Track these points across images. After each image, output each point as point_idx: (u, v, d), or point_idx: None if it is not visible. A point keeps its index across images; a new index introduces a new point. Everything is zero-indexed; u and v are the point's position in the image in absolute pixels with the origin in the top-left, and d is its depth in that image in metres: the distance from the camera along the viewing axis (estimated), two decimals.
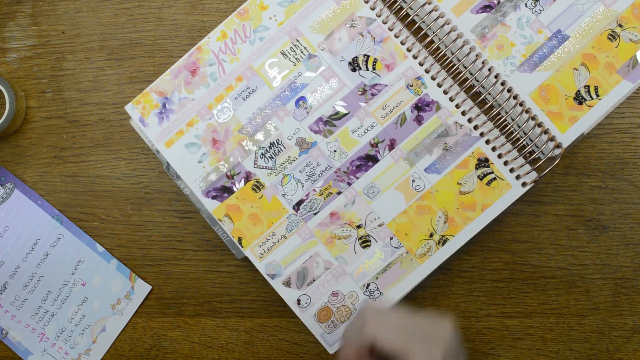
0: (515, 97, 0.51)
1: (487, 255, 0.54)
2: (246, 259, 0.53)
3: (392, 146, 0.52)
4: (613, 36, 0.52)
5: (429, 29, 0.52)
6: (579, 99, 0.52)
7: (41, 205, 0.56)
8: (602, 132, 0.53)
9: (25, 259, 0.55)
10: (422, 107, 0.52)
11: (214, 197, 0.52)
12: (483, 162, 0.52)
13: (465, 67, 0.52)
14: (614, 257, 0.53)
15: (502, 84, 0.51)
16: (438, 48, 0.52)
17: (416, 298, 0.54)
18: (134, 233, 0.55)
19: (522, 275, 0.53)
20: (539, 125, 0.51)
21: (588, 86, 0.52)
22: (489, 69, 0.51)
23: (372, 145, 0.52)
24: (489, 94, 0.52)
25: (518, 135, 0.52)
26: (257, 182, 0.52)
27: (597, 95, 0.51)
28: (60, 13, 0.56)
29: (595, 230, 0.53)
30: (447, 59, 0.52)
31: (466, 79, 0.52)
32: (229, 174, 0.52)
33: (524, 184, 0.51)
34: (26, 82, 0.56)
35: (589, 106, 0.51)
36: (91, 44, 0.56)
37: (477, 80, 0.52)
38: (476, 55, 0.51)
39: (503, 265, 0.53)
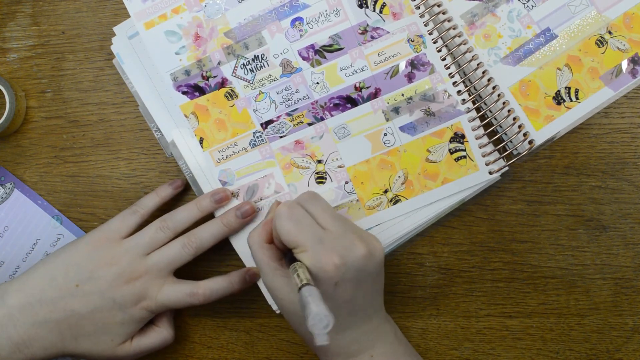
0: (494, 88, 0.51)
1: (487, 255, 0.54)
2: None
3: (375, 95, 0.51)
4: (601, 42, 0.52)
5: (423, 4, 0.52)
6: (558, 99, 0.52)
7: (41, 205, 0.56)
8: (602, 132, 0.53)
9: (25, 259, 0.55)
10: (417, 65, 0.51)
11: (184, 93, 0.51)
12: (459, 138, 0.51)
13: (449, 50, 0.52)
14: (614, 257, 0.53)
15: (484, 72, 0.51)
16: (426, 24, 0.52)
17: (416, 298, 0.54)
18: None
19: (522, 275, 0.53)
20: (514, 118, 0.51)
21: (569, 88, 0.52)
22: (473, 57, 0.51)
23: (356, 88, 0.51)
24: (469, 80, 0.52)
25: (492, 124, 0.52)
26: (232, 90, 0.51)
27: (577, 98, 0.52)
28: (60, 13, 0.56)
29: (595, 230, 0.53)
30: (437, 36, 0.52)
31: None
32: (204, 75, 0.51)
33: (490, 172, 0.51)
34: (26, 82, 0.56)
35: (567, 107, 0.52)
36: (91, 44, 0.56)
37: (459, 65, 0.52)
38: (462, 42, 0.52)
39: (503, 265, 0.53)
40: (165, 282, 0.49)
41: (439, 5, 0.52)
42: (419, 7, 0.52)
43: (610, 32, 0.52)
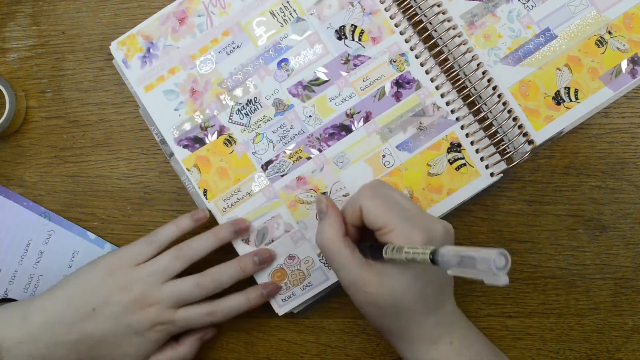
0: (494, 88, 0.52)
1: None
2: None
3: (367, 119, 0.52)
4: (601, 42, 0.52)
5: (419, 7, 0.52)
6: (557, 99, 0.52)
7: (27, 205, 0.55)
8: (602, 132, 0.53)
9: (21, 262, 0.55)
10: (402, 84, 0.52)
11: (185, 146, 0.53)
12: (455, 147, 0.52)
13: (449, 51, 0.52)
14: (614, 257, 0.53)
15: (483, 73, 0.52)
16: (425, 28, 0.52)
17: None
18: (134, 233, 0.55)
19: (522, 275, 0.53)
20: (514, 119, 0.51)
21: (568, 88, 0.52)
22: (472, 57, 0.51)
23: (347, 115, 0.52)
24: (469, 81, 0.52)
25: (492, 125, 0.52)
26: (230, 137, 0.53)
27: (577, 99, 0.52)
28: (60, 13, 0.56)
29: (595, 230, 0.53)
30: (433, 40, 0.52)
31: (447, 60, 0.52)
32: (203, 125, 0.53)
33: (492, 174, 0.51)
34: (26, 82, 0.56)
35: (567, 108, 0.52)
36: (91, 44, 0.56)
37: (459, 66, 0.52)
38: (462, 42, 0.52)
39: None
40: (178, 309, 0.49)
41: (438, 5, 0.52)
42: (418, 9, 0.52)
43: (610, 32, 0.52)
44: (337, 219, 0.45)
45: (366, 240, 0.46)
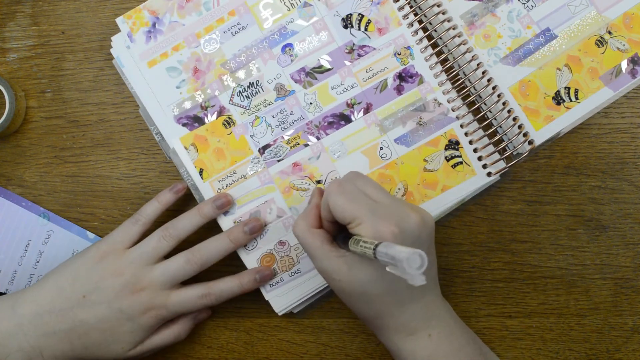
0: (494, 88, 0.52)
1: (487, 255, 0.54)
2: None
3: (367, 110, 0.52)
4: (601, 42, 0.52)
5: (419, 7, 0.52)
6: (557, 99, 0.52)
7: (25, 206, 0.55)
8: (602, 132, 0.53)
9: (21, 262, 0.55)
10: (405, 77, 0.52)
11: (184, 125, 0.53)
12: (453, 144, 0.52)
13: (449, 51, 0.52)
14: (614, 257, 0.53)
15: (483, 73, 0.52)
16: (426, 28, 0.52)
17: None
18: None
19: (522, 275, 0.53)
20: (514, 119, 0.51)
21: (569, 88, 0.52)
22: (472, 57, 0.52)
23: (348, 105, 0.53)
24: (469, 81, 0.52)
25: (492, 125, 0.52)
26: (229, 118, 0.53)
27: (577, 99, 0.52)
28: (60, 13, 0.56)
29: (595, 230, 0.53)
30: (433, 40, 0.52)
31: (447, 60, 0.52)
32: (203, 105, 0.53)
33: (489, 174, 0.51)
34: (26, 82, 0.56)
35: (567, 108, 0.52)
36: (91, 44, 0.56)
37: (459, 66, 0.52)
38: (462, 42, 0.52)
39: (503, 265, 0.53)
40: (171, 292, 0.49)
41: (438, 6, 0.52)
42: (418, 9, 0.52)
43: (610, 32, 0.52)
44: (312, 212, 0.46)
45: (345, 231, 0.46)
